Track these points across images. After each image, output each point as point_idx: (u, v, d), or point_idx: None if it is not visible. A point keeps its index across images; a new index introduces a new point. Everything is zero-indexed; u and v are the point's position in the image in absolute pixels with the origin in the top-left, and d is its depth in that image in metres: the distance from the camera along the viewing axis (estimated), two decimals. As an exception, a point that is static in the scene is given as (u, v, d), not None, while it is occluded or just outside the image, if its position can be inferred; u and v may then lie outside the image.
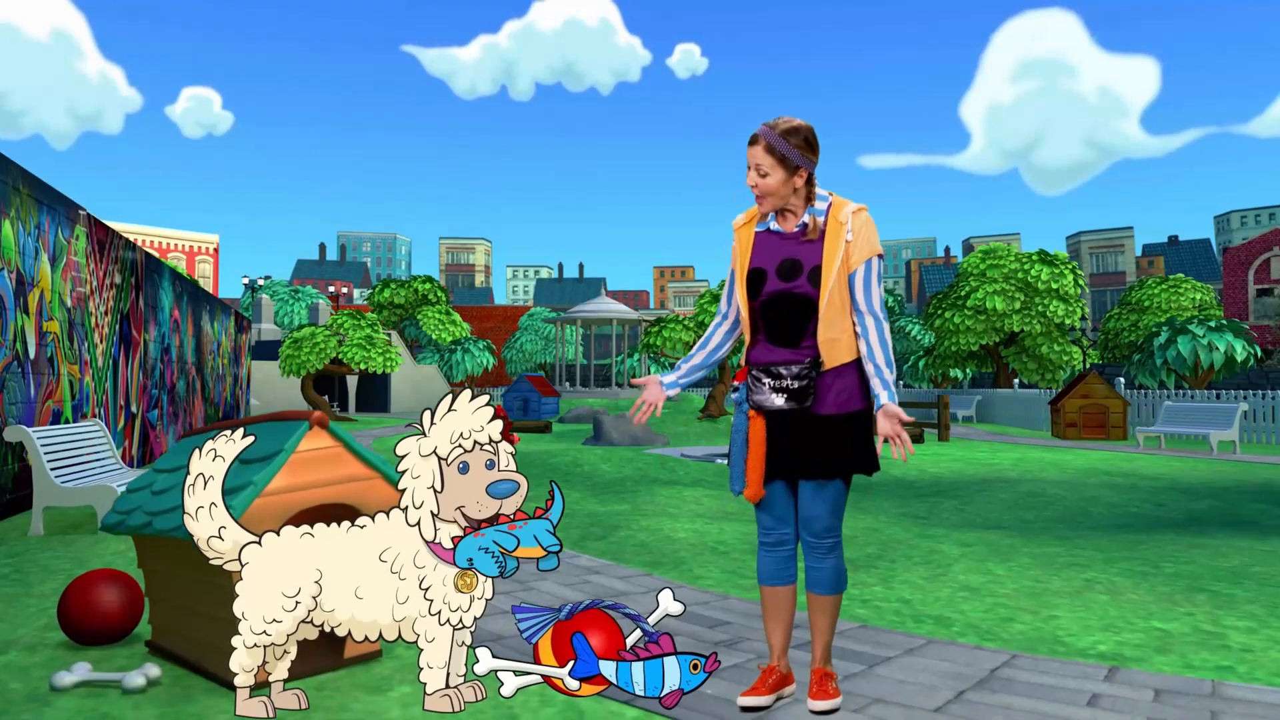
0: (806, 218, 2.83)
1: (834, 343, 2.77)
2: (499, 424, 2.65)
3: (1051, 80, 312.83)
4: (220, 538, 2.73)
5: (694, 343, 25.07)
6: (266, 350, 36.03)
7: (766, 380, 2.80)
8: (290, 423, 3.22)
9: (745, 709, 2.84)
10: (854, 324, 2.82)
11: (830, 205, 2.84)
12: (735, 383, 2.95)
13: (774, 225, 2.88)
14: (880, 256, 2.82)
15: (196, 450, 2.74)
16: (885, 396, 2.76)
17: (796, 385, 2.76)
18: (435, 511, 2.60)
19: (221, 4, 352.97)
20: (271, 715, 2.75)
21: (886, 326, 2.85)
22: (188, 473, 2.73)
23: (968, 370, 35.77)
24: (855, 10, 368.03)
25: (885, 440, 2.78)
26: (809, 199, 2.85)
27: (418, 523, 2.62)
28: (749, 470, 2.84)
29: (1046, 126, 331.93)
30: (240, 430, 2.81)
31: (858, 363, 2.82)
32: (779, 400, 2.78)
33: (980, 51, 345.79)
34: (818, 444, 2.78)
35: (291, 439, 3.12)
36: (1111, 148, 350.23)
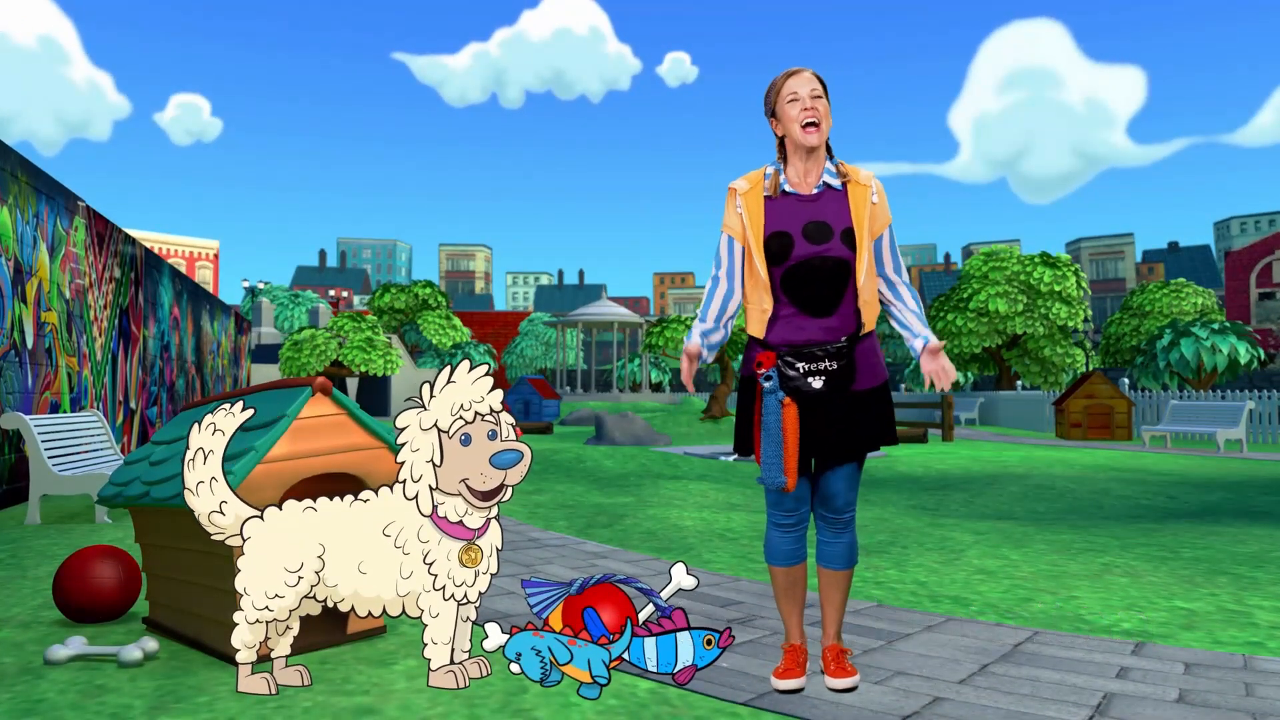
0: (831, 167, 2.71)
1: (868, 305, 2.67)
2: (499, 393, 2.57)
3: (1039, 90, 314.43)
4: (221, 513, 2.64)
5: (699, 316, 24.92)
6: (266, 354, 35.95)
7: (800, 364, 2.60)
8: (293, 389, 3.13)
9: (784, 692, 2.70)
10: (886, 290, 2.75)
11: (840, 165, 2.74)
12: (764, 370, 2.62)
13: (788, 188, 2.69)
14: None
15: (196, 424, 2.65)
16: (928, 335, 2.72)
17: (836, 366, 2.59)
18: (434, 485, 2.52)
19: (210, 11, 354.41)
20: (274, 691, 2.66)
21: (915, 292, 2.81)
22: (187, 447, 2.64)
23: (969, 373, 35.69)
24: (844, 19, 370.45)
25: (930, 376, 2.69)
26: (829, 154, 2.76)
27: (415, 496, 2.52)
28: (787, 460, 2.58)
29: (1034, 136, 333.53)
30: (240, 404, 2.72)
31: (874, 330, 2.73)
32: (816, 383, 2.59)
33: (968, 61, 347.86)
34: (852, 423, 2.64)
35: (294, 405, 3.03)
36: (1099, 157, 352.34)
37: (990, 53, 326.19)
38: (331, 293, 52.21)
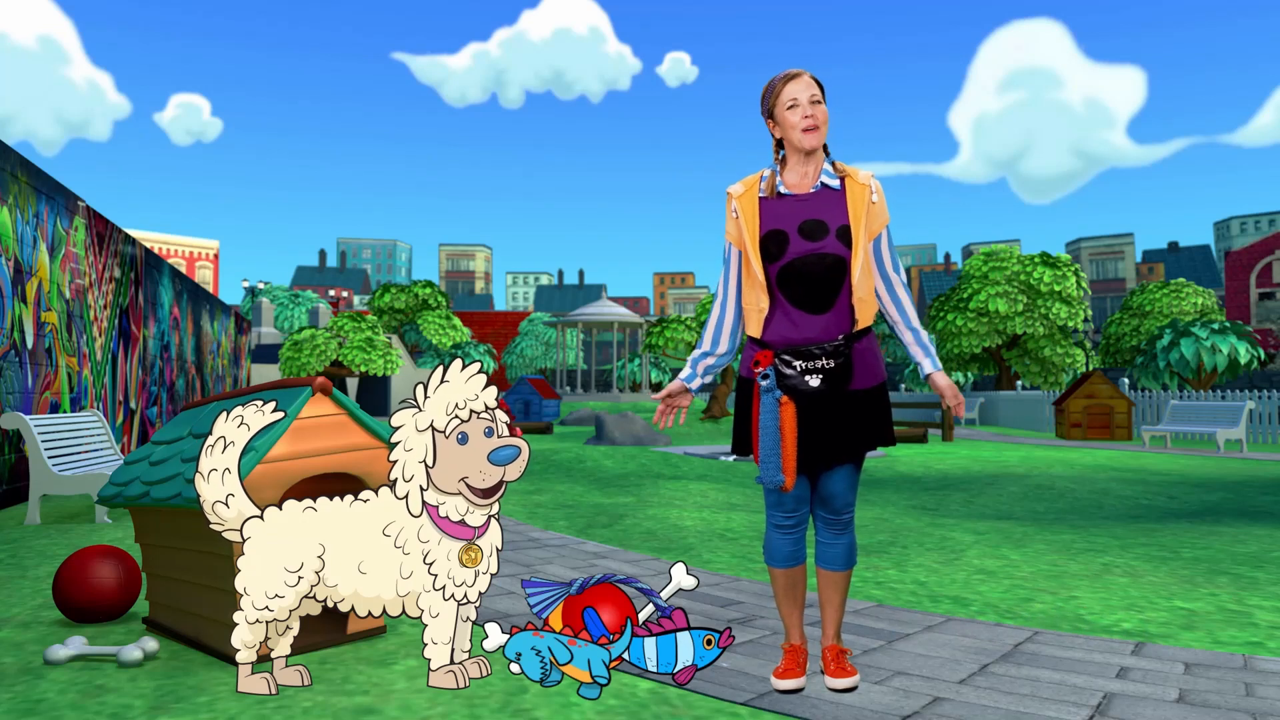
0: (828, 167, 2.71)
1: (863, 303, 2.66)
2: (493, 390, 2.57)
3: (1038, 90, 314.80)
4: (226, 505, 2.64)
5: (696, 344, 24.87)
6: (266, 354, 35.96)
7: (797, 362, 2.59)
8: (293, 389, 3.13)
9: (784, 692, 2.70)
10: (884, 290, 2.73)
11: (836, 165, 2.74)
12: (761, 368, 2.62)
13: (784, 189, 2.69)
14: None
15: (225, 413, 2.65)
16: (930, 364, 2.73)
17: (833, 364, 2.58)
18: (424, 486, 2.51)
19: (210, 11, 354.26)
20: (274, 691, 2.66)
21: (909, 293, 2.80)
22: (210, 433, 2.64)
23: (969, 373, 35.68)
24: (844, 19, 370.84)
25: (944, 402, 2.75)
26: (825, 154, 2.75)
27: (405, 496, 2.52)
28: (786, 459, 2.59)
29: (1034, 136, 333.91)
30: (273, 403, 2.71)
31: (871, 330, 2.73)
32: (813, 381, 2.59)
33: (968, 61, 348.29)
34: (851, 423, 2.64)
35: (294, 405, 3.02)
36: (1099, 157, 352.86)
37: (990, 53, 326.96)
38: (331, 293, 52.24)
